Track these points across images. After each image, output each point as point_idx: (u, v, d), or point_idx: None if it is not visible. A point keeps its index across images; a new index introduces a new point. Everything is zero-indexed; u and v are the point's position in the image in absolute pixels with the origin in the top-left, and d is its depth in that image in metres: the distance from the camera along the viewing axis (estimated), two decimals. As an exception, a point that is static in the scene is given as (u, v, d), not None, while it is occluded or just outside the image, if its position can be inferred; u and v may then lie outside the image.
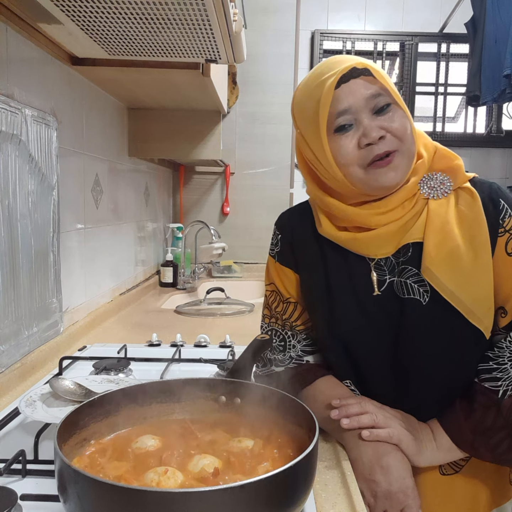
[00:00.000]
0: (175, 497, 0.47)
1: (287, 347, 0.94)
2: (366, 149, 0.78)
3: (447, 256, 0.79)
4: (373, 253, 0.84)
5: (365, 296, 0.85)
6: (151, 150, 2.03)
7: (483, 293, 0.79)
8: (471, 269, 0.78)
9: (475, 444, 0.78)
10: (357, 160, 0.79)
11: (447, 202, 0.83)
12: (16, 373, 1.06)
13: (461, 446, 0.79)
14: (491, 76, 2.47)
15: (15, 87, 1.07)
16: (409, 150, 0.80)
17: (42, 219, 1.19)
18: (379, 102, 0.78)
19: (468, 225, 0.80)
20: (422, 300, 0.81)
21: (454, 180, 0.83)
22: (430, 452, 0.80)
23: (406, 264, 0.83)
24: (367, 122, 0.78)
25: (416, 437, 0.80)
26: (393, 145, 0.78)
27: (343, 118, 0.79)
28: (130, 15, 0.99)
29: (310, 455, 0.55)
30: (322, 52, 3.02)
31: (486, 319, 0.79)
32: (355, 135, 0.79)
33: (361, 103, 0.78)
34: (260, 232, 2.72)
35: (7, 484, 0.66)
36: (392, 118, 0.78)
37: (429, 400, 0.85)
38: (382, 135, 0.77)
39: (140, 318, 1.76)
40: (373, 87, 0.78)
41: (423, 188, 0.84)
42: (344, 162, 0.80)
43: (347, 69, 0.77)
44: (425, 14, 3.03)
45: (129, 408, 0.70)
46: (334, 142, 0.80)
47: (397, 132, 0.78)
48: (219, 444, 0.67)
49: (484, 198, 0.81)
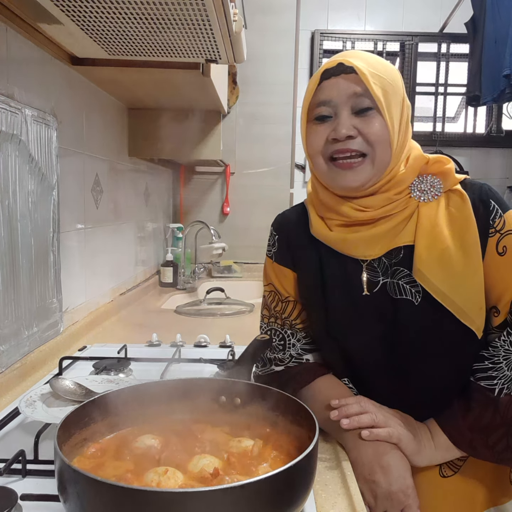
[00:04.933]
0: (175, 497, 0.47)
1: (287, 346, 0.94)
2: (332, 144, 0.81)
3: (438, 258, 0.80)
4: (361, 254, 0.85)
5: (357, 296, 0.86)
6: (151, 150, 2.03)
7: (474, 293, 0.79)
8: (462, 270, 0.79)
9: (474, 443, 0.78)
10: (321, 151, 0.82)
11: (437, 204, 0.83)
12: (16, 373, 1.06)
13: (459, 445, 0.80)
14: (491, 76, 2.47)
15: (15, 87, 1.07)
16: (379, 158, 0.80)
17: (42, 219, 1.19)
18: (361, 103, 0.79)
19: (458, 227, 0.81)
20: (414, 300, 0.82)
21: (444, 182, 0.84)
22: (428, 452, 0.80)
23: (398, 266, 0.84)
24: (342, 118, 0.79)
25: (415, 436, 0.80)
26: (360, 148, 0.80)
27: (323, 108, 0.81)
28: (130, 15, 0.99)
29: (310, 455, 0.55)
30: (322, 52, 3.03)
31: (477, 319, 0.80)
32: (329, 126, 0.81)
33: (343, 98, 0.80)
34: (260, 232, 2.70)
35: (7, 484, 0.66)
36: (368, 122, 0.79)
37: (425, 399, 0.86)
38: (351, 135, 0.79)
39: (140, 318, 1.76)
40: (360, 87, 0.79)
41: (414, 191, 0.85)
42: (310, 151, 0.85)
43: (332, 64, 0.80)
44: (425, 14, 3.03)
45: (129, 408, 0.70)
46: (310, 129, 0.84)
47: (369, 136, 0.79)
48: (219, 444, 0.67)
49: (474, 199, 0.82)
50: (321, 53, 3.02)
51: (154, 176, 2.41)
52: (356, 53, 0.83)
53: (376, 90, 0.78)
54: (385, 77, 0.80)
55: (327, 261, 0.89)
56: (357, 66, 0.78)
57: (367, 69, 0.78)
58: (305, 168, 3.04)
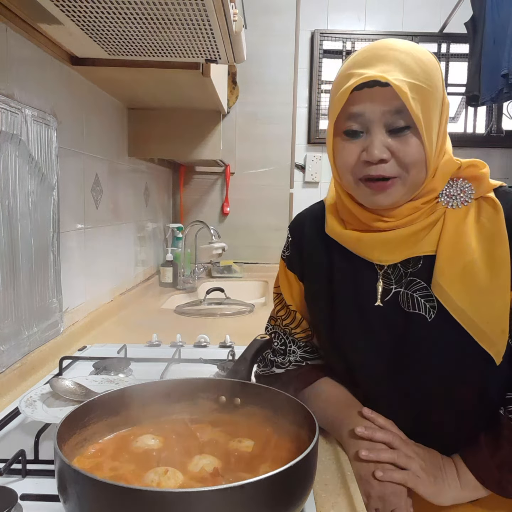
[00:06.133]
0: (175, 497, 0.47)
1: (287, 352, 0.93)
2: (363, 165, 0.74)
3: (461, 272, 0.73)
4: (377, 258, 0.79)
5: (368, 306, 0.81)
6: (151, 150, 2.03)
7: (497, 314, 0.72)
8: (486, 288, 0.72)
9: (503, 483, 0.72)
10: (351, 170, 0.76)
11: (466, 212, 0.76)
12: (16, 373, 1.06)
13: (488, 485, 0.74)
14: (490, 76, 2.47)
15: (15, 87, 1.07)
16: (413, 179, 0.74)
17: (42, 219, 1.19)
18: (396, 122, 0.71)
19: (488, 240, 0.73)
20: (428, 316, 0.76)
21: (476, 188, 0.77)
22: (454, 492, 0.74)
23: (414, 276, 0.78)
24: (375, 138, 0.72)
25: (437, 476, 0.75)
26: (393, 172, 0.73)
27: (354, 123, 0.74)
28: (130, 15, 0.99)
29: (310, 455, 0.55)
30: (322, 52, 3.02)
31: (499, 342, 0.72)
32: (361, 144, 0.74)
33: (376, 114, 0.72)
34: (260, 232, 2.72)
35: (7, 484, 0.66)
36: (404, 144, 0.72)
37: (440, 424, 0.80)
38: (385, 158, 0.72)
39: (140, 318, 1.76)
40: (397, 102, 0.70)
41: (441, 196, 0.78)
42: (339, 168, 0.78)
43: (368, 79, 0.70)
44: (425, 14, 3.03)
45: (129, 408, 0.70)
46: (339, 145, 0.77)
47: (404, 159, 0.72)
48: (219, 444, 0.67)
49: (508, 210, 0.74)
50: (321, 53, 3.02)
51: (154, 176, 2.41)
52: (393, 53, 0.72)
53: (415, 107, 0.69)
54: (425, 85, 0.70)
55: (339, 266, 0.84)
56: (395, 82, 0.68)
57: (405, 82, 0.69)
58: (305, 168, 3.04)
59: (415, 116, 0.70)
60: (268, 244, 2.71)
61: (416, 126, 0.71)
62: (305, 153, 3.04)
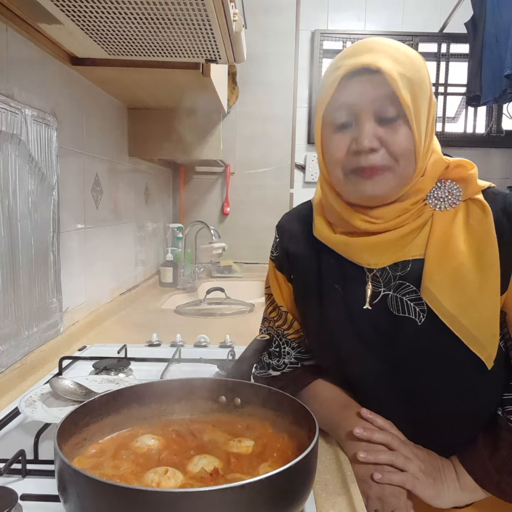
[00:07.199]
0: (175, 497, 0.47)
1: (282, 354, 0.93)
2: (354, 156, 0.72)
3: (450, 276, 0.72)
4: (365, 261, 0.78)
5: (356, 309, 0.80)
6: (151, 150, 2.03)
7: (488, 318, 0.71)
8: (477, 291, 0.71)
9: (502, 485, 0.72)
10: (341, 162, 0.74)
11: (455, 214, 0.75)
12: (16, 373, 1.06)
13: (487, 488, 0.73)
14: (492, 76, 2.46)
15: (15, 87, 1.07)
16: (403, 171, 0.73)
17: (42, 219, 1.19)
18: (386, 111, 0.70)
19: (476, 242, 0.72)
20: (418, 320, 0.75)
21: (464, 190, 0.76)
22: (453, 494, 0.74)
23: (403, 280, 0.76)
24: (365, 127, 0.71)
25: (436, 478, 0.74)
26: (383, 161, 0.72)
27: (343, 113, 0.73)
28: (130, 15, 0.99)
29: (310, 455, 0.55)
30: (322, 52, 3.02)
31: (490, 346, 0.71)
32: (350, 135, 0.73)
33: (366, 103, 0.71)
34: (260, 232, 2.71)
35: (7, 484, 0.66)
36: (394, 133, 0.71)
37: (434, 427, 0.79)
38: (375, 148, 0.71)
39: (140, 318, 1.76)
40: (386, 90, 0.69)
41: (429, 198, 0.77)
42: (328, 161, 0.76)
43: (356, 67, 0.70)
44: (425, 14, 3.03)
45: (129, 408, 0.70)
46: (328, 137, 0.75)
47: (394, 149, 0.71)
48: (219, 444, 0.67)
49: (497, 211, 0.73)
50: (321, 53, 3.02)
51: (154, 176, 2.41)
52: (381, 45, 0.72)
53: (405, 96, 0.69)
54: (414, 78, 0.70)
55: (327, 269, 0.83)
56: (385, 68, 0.68)
57: (396, 71, 0.68)
58: (305, 168, 3.04)
59: (405, 104, 0.69)
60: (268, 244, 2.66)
61: (405, 116, 0.70)
62: (305, 153, 3.04)
